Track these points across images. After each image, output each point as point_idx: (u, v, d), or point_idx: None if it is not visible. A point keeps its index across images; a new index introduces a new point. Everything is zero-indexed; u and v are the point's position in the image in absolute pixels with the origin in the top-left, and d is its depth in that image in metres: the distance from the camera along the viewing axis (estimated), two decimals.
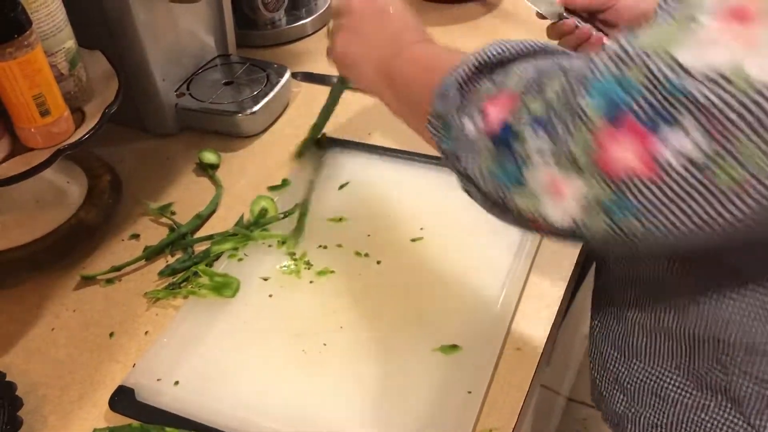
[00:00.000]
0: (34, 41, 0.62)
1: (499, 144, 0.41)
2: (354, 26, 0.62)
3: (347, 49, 0.63)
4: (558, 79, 0.38)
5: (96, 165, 0.81)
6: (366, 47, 0.61)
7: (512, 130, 0.40)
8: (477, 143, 0.43)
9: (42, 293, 0.71)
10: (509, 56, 0.45)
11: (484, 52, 0.46)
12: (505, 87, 0.42)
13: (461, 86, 0.45)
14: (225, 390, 0.60)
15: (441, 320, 0.64)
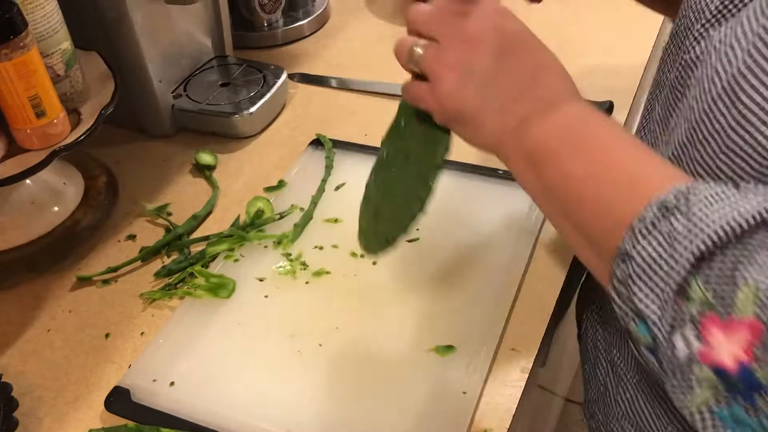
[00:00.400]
0: (30, 42, 0.62)
1: (731, 386, 0.33)
2: (469, 57, 0.46)
3: (460, 94, 0.47)
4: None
5: (92, 166, 0.82)
6: (490, 93, 0.46)
7: (756, 378, 0.32)
8: (688, 370, 0.34)
9: (38, 294, 0.71)
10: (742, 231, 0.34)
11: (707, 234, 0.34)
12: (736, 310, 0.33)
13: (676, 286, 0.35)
14: (221, 391, 0.60)
15: (436, 321, 0.64)
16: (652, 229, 0.37)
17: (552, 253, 0.70)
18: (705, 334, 0.33)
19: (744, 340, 0.32)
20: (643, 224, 0.37)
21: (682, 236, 0.35)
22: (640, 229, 0.37)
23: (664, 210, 0.37)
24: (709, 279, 0.34)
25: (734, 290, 0.33)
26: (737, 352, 0.32)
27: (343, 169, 0.81)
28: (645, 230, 0.37)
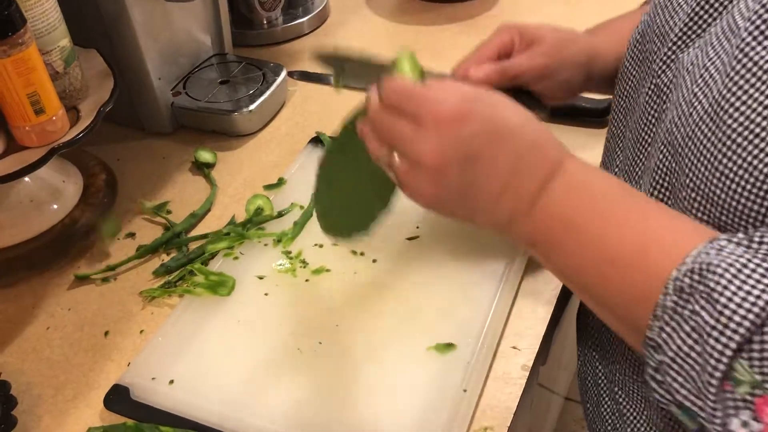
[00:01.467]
0: (29, 39, 0.62)
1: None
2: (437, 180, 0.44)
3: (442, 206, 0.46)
4: None
5: (92, 164, 0.81)
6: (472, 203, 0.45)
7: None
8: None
9: (37, 292, 0.71)
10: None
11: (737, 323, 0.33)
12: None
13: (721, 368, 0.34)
14: (220, 389, 0.60)
15: (436, 318, 0.64)
16: (674, 315, 0.36)
17: None
18: (763, 415, 0.33)
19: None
20: (665, 312, 0.37)
21: (711, 328, 0.34)
22: (663, 318, 0.37)
23: (683, 294, 0.36)
24: (753, 359, 0.33)
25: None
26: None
27: None
28: (668, 318, 0.36)
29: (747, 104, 0.40)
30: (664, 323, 0.37)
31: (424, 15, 1.11)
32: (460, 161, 0.43)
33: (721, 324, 0.34)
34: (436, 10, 1.12)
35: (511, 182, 0.43)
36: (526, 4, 1.11)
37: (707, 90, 0.43)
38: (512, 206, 0.44)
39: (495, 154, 0.43)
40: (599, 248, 0.42)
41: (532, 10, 1.10)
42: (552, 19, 1.07)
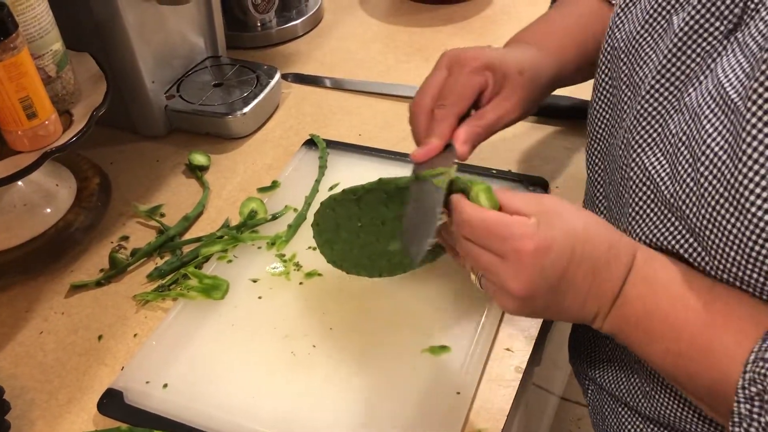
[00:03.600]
0: (20, 44, 0.62)
1: None
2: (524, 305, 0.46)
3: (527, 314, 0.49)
4: None
5: (85, 167, 0.81)
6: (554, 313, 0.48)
7: None
8: None
9: (30, 297, 0.71)
10: None
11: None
12: None
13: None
14: (214, 392, 0.60)
15: (430, 321, 0.64)
16: (752, 422, 0.39)
17: None
18: None
19: None
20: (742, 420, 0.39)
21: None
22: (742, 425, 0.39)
23: (754, 403, 0.38)
24: None
25: None
26: None
27: (337, 170, 0.81)
28: (746, 425, 0.39)
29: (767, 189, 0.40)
30: (744, 429, 0.39)
31: (419, 16, 1.11)
32: (545, 290, 0.45)
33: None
34: (431, 11, 1.12)
35: (591, 291, 0.46)
36: (520, 6, 1.11)
37: (718, 173, 0.43)
38: (594, 311, 0.48)
39: (575, 272, 0.46)
40: (669, 345, 0.45)
41: (526, 12, 1.10)
42: None
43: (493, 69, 0.59)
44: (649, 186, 0.50)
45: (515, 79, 0.60)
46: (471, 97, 0.59)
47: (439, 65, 0.61)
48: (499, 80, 0.60)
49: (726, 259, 0.44)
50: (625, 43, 0.55)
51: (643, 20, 0.53)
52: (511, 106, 0.60)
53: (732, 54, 0.45)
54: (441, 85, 0.60)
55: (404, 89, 0.94)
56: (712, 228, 0.44)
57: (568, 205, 0.47)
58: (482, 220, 0.46)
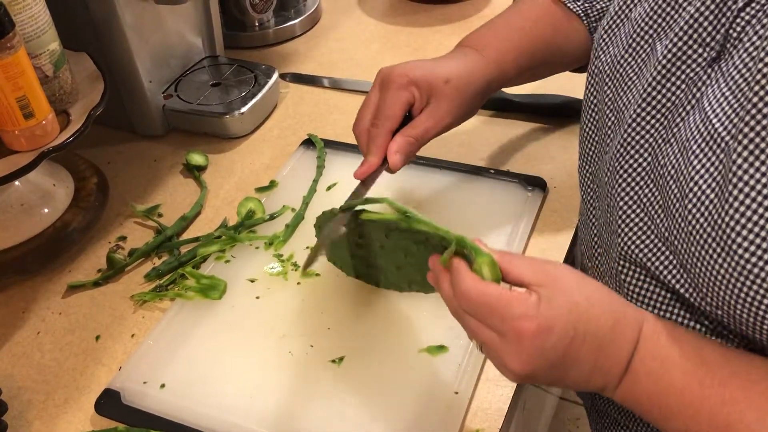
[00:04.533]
0: (17, 44, 0.61)
1: None
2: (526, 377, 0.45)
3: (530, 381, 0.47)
4: None
5: (83, 167, 0.81)
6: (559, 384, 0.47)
7: None
8: None
9: (28, 297, 0.71)
10: None
11: None
12: None
13: None
14: (211, 392, 0.60)
15: (428, 321, 0.64)
16: None
17: (544, 252, 0.70)
18: None
19: None
20: None
21: None
22: None
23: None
24: None
25: None
26: None
27: (335, 169, 0.81)
28: None
29: (753, 231, 0.40)
30: None
31: (416, 16, 1.11)
32: (546, 368, 0.44)
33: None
34: (428, 11, 1.12)
35: (596, 366, 0.44)
36: None
37: (705, 212, 0.43)
38: (601, 384, 0.46)
39: (578, 350, 0.44)
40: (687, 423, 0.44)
41: None
42: None
43: (417, 84, 0.62)
44: (642, 217, 0.51)
45: (441, 89, 0.62)
46: (399, 113, 0.62)
47: (374, 85, 0.64)
48: (425, 92, 0.62)
49: (715, 298, 0.44)
50: (609, 66, 0.55)
51: (627, 45, 0.53)
52: (441, 115, 0.63)
53: (716, 85, 0.45)
54: (375, 105, 0.63)
55: None
56: (701, 266, 0.43)
57: (571, 274, 0.45)
58: (482, 294, 0.44)
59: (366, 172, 0.62)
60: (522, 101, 0.87)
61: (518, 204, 0.74)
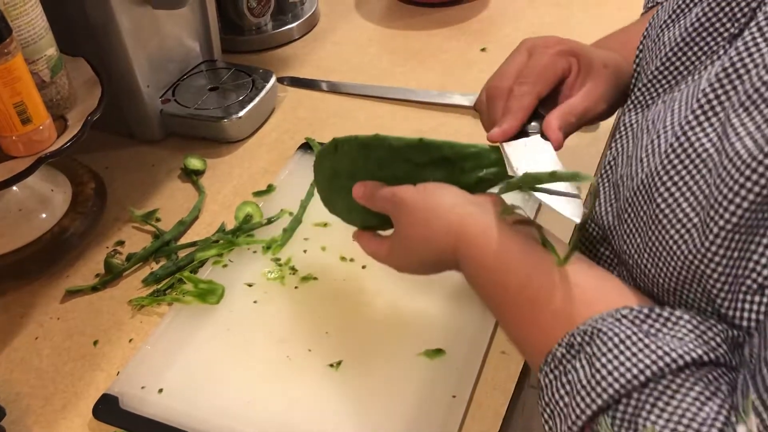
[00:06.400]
0: (14, 49, 0.62)
1: None
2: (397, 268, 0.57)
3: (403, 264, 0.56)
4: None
5: (80, 172, 0.81)
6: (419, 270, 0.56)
7: None
8: None
9: (26, 302, 0.71)
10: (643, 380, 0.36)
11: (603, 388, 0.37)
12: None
13: None
14: (209, 397, 0.60)
15: (426, 324, 0.64)
16: (559, 365, 0.40)
17: None
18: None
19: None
20: (553, 360, 0.40)
21: (582, 387, 0.37)
22: (550, 365, 0.41)
23: (571, 350, 0.40)
24: (615, 419, 0.36)
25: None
26: None
27: None
28: (554, 366, 0.40)
29: (678, 186, 0.40)
30: (549, 370, 0.40)
31: (414, 20, 1.11)
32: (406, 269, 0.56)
33: (591, 385, 0.37)
34: (426, 14, 1.12)
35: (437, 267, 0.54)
36: (517, 8, 1.11)
37: (650, 159, 0.43)
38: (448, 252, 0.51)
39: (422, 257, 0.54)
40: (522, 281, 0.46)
41: (523, 14, 1.10)
42: (543, 22, 1.07)
43: (578, 56, 0.56)
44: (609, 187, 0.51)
45: (600, 71, 0.56)
46: (553, 79, 0.55)
47: (519, 49, 0.58)
48: (584, 69, 0.56)
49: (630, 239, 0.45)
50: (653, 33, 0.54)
51: (671, 10, 0.52)
52: (598, 97, 0.55)
53: None
54: (521, 68, 0.56)
55: (400, 92, 0.94)
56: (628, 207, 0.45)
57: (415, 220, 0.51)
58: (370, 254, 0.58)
59: (505, 135, 0.53)
60: None
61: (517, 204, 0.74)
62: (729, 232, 0.37)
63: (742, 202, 0.36)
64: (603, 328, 0.38)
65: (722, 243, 0.37)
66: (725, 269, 0.38)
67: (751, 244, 0.36)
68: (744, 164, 0.35)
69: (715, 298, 0.39)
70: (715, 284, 0.38)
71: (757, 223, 0.36)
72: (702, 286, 0.39)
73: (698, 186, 0.39)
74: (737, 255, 0.37)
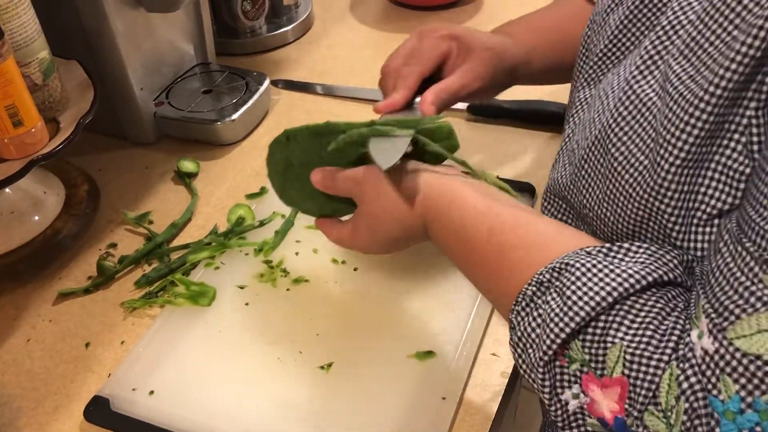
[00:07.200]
0: (6, 52, 0.62)
1: None
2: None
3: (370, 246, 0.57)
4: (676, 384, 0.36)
5: (74, 174, 0.81)
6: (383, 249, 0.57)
7: (628, 427, 0.38)
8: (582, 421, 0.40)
9: (18, 304, 0.71)
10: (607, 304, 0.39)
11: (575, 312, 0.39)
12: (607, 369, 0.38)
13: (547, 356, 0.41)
14: (200, 399, 0.60)
15: (416, 326, 0.64)
16: (530, 302, 0.42)
17: None
18: (588, 390, 0.39)
19: (616, 394, 0.38)
20: (524, 299, 0.43)
21: (555, 315, 0.40)
22: (521, 303, 0.43)
23: (541, 286, 0.42)
24: (585, 341, 0.39)
25: (605, 352, 0.38)
26: (612, 406, 0.38)
27: None
28: (525, 304, 0.43)
29: (628, 135, 0.43)
30: (521, 308, 0.43)
31: (409, 23, 1.11)
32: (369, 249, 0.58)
33: (563, 312, 0.39)
34: (421, 17, 1.12)
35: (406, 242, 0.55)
36: (510, 12, 1.12)
37: (601, 116, 0.47)
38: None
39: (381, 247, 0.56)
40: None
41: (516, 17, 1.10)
42: None
43: (458, 39, 0.64)
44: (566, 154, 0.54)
45: (480, 53, 0.63)
46: (435, 59, 0.63)
47: (412, 36, 0.66)
48: (464, 51, 0.63)
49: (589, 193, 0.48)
50: None
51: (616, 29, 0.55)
52: (474, 76, 0.63)
53: None
54: (411, 51, 0.64)
55: None
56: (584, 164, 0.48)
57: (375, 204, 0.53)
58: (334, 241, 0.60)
59: (389, 106, 0.61)
60: (511, 107, 0.88)
61: None
62: (678, 167, 0.40)
63: (688, 137, 0.39)
64: (570, 261, 0.41)
65: (673, 179, 0.40)
66: (678, 203, 0.41)
67: (698, 177, 0.40)
68: (688, 103, 0.39)
69: (670, 233, 0.42)
70: (669, 218, 0.41)
71: (703, 157, 0.39)
72: (658, 222, 0.42)
73: (645, 131, 0.42)
74: (687, 189, 0.40)
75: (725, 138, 0.39)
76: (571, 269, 0.40)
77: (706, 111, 0.38)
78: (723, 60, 0.37)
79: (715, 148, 0.39)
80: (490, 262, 0.47)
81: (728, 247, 0.36)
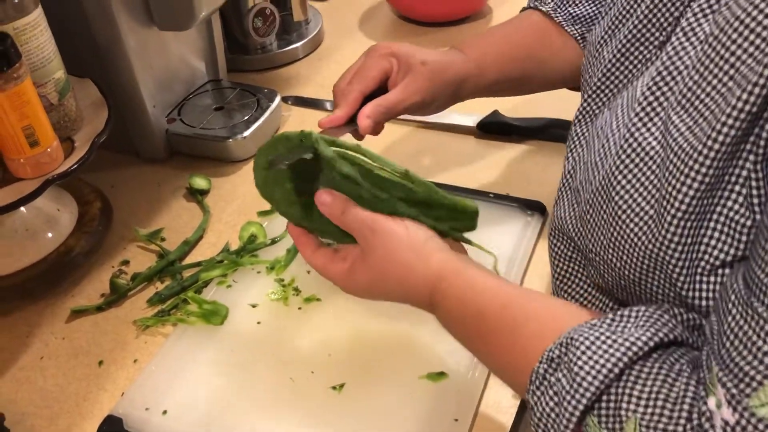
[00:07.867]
0: (24, 73, 0.62)
1: None
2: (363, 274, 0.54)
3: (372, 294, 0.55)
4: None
5: (86, 191, 0.82)
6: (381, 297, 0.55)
7: None
8: None
9: (31, 322, 0.71)
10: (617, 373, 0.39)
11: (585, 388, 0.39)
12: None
13: None
14: (213, 418, 0.60)
15: (428, 347, 0.64)
16: (543, 381, 0.42)
17: (543, 278, 0.71)
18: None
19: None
20: (537, 378, 0.42)
21: (566, 392, 0.40)
22: (535, 383, 0.42)
23: (552, 363, 0.42)
24: (601, 416, 0.39)
25: (622, 426, 0.38)
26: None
27: None
28: (539, 383, 0.42)
29: (632, 183, 0.44)
30: (535, 387, 0.42)
31: (417, 39, 1.12)
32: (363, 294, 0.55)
33: (574, 388, 0.39)
34: (429, 33, 1.13)
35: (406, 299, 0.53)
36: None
37: (605, 161, 0.47)
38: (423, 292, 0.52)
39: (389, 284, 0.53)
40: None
41: None
42: None
43: (397, 56, 0.67)
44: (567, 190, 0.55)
45: (418, 68, 0.66)
46: (377, 77, 0.66)
47: (362, 54, 0.69)
48: (404, 67, 0.66)
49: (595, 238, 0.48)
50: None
51: (606, 27, 0.55)
52: (413, 91, 0.66)
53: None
54: (356, 70, 0.67)
55: None
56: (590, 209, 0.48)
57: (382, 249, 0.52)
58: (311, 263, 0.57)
59: (331, 122, 0.64)
60: (521, 125, 0.88)
61: (518, 228, 0.75)
62: (681, 220, 0.40)
63: (689, 190, 0.39)
64: (575, 336, 0.41)
65: (676, 230, 0.40)
66: (682, 254, 0.41)
67: (701, 228, 0.40)
68: (687, 156, 0.39)
69: (675, 282, 0.42)
70: (674, 269, 0.41)
71: (705, 209, 0.40)
72: (663, 272, 0.42)
73: (650, 181, 0.43)
74: (691, 240, 0.41)
75: (726, 190, 0.39)
76: (576, 343, 0.40)
77: (705, 165, 0.38)
78: (719, 114, 0.37)
79: (716, 200, 0.39)
80: (503, 338, 0.46)
81: (738, 309, 0.36)
